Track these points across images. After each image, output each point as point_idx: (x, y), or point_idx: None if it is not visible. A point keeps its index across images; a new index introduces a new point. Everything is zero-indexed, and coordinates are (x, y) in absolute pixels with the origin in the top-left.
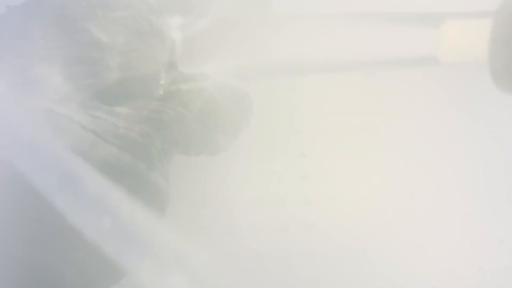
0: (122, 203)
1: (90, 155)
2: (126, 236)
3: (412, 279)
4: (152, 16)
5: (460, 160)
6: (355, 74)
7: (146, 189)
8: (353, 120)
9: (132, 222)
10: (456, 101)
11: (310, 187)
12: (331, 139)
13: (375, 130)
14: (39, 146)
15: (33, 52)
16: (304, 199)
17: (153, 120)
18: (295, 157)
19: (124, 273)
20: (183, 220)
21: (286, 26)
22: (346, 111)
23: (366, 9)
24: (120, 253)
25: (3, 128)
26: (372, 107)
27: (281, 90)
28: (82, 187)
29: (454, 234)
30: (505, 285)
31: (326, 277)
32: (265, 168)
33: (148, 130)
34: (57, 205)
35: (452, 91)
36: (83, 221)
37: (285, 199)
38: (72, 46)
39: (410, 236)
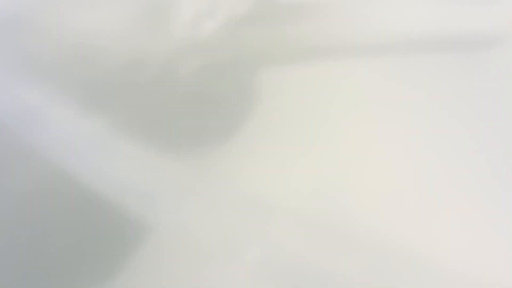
0: None
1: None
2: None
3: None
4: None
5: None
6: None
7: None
8: (362, 111)
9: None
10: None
11: (318, 181)
12: (339, 130)
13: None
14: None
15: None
16: (311, 193)
17: None
18: (302, 150)
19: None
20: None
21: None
22: (355, 102)
23: None
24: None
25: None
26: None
27: (287, 80)
28: None
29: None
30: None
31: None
32: (273, 161)
33: None
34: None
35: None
36: None
37: (293, 193)
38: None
39: (413, 234)
